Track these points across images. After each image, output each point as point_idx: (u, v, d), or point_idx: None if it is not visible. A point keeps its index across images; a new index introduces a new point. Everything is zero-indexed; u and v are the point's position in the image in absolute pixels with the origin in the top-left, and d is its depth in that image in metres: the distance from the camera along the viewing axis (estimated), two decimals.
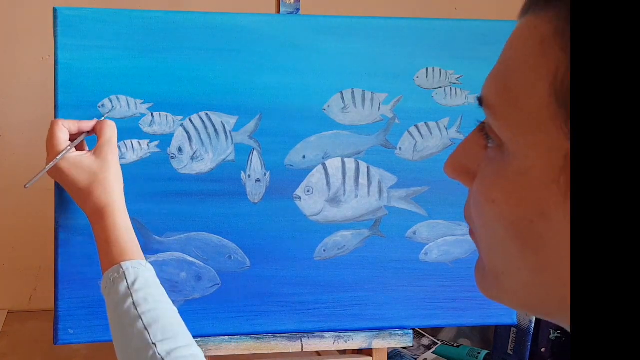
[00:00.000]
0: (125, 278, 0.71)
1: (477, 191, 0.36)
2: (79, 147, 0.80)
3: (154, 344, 0.66)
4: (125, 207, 0.77)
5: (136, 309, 0.69)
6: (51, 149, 0.76)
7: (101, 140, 0.78)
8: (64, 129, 0.77)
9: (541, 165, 0.31)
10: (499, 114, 0.34)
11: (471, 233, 0.39)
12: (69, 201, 0.84)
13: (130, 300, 0.69)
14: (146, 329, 0.67)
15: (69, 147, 0.76)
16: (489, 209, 0.34)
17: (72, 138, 0.79)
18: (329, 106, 0.90)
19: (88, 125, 0.79)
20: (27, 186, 0.73)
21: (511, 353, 1.17)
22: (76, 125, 0.79)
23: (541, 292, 0.33)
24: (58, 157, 0.75)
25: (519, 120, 0.32)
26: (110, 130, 0.79)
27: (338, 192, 0.90)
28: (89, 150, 0.78)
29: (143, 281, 0.71)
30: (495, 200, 0.34)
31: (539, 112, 0.31)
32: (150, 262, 0.75)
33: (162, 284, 0.76)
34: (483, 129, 0.36)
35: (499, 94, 0.34)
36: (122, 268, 0.71)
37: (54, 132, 0.76)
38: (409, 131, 0.92)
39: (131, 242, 0.74)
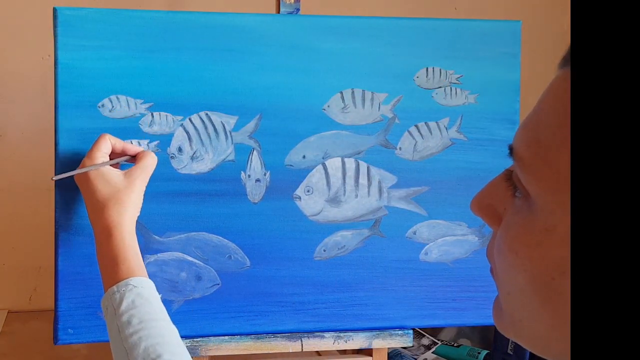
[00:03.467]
0: (112, 302, 0.70)
1: (500, 239, 0.35)
2: (114, 166, 0.81)
3: None
4: (134, 232, 0.77)
5: (119, 333, 0.68)
6: (89, 155, 0.77)
7: (138, 164, 0.79)
8: (109, 144, 0.79)
9: (567, 224, 0.30)
10: (527, 167, 0.33)
11: (492, 272, 0.38)
12: (69, 201, 0.84)
13: (115, 325, 0.69)
14: (127, 355, 0.67)
15: (108, 162, 0.78)
16: (511, 259, 0.34)
17: (113, 155, 0.80)
18: (329, 106, 0.90)
19: (133, 150, 0.81)
20: (53, 179, 0.76)
21: (511, 353, 1.17)
22: (122, 145, 0.80)
23: (559, 345, 0.32)
24: (94, 166, 0.76)
25: (547, 176, 0.31)
26: (150, 161, 0.80)
27: (338, 192, 0.90)
28: (122, 171, 0.79)
29: (128, 302, 0.70)
30: (518, 252, 0.33)
31: (568, 170, 0.30)
32: (150, 262, 0.75)
33: (162, 283, 0.76)
34: (510, 178, 0.35)
35: (529, 147, 0.33)
36: (110, 292, 0.71)
37: (99, 142, 0.78)
38: (409, 131, 0.92)
39: (136, 263, 0.74)
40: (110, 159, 0.79)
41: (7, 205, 1.35)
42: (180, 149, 0.86)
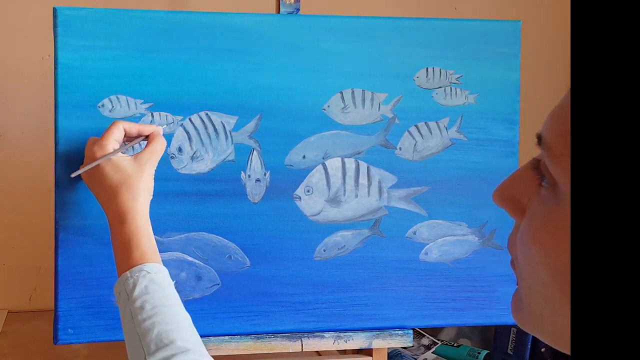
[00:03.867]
0: (125, 287, 0.70)
1: (524, 229, 0.34)
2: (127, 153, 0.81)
3: (146, 357, 0.65)
4: (148, 216, 0.77)
5: (132, 319, 0.68)
6: (100, 144, 0.77)
7: (146, 149, 0.79)
8: (121, 129, 0.78)
9: None
10: (557, 157, 0.32)
11: (512, 263, 0.37)
12: (69, 201, 0.84)
13: (129, 310, 0.69)
14: (140, 340, 0.66)
15: (120, 150, 0.77)
16: (535, 251, 0.33)
17: (129, 139, 0.81)
18: (329, 106, 0.90)
19: (147, 129, 0.81)
20: (72, 176, 0.77)
21: (511, 353, 1.17)
22: (136, 128, 0.80)
23: None
24: (107, 156, 0.76)
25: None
26: (159, 144, 0.80)
27: (338, 192, 0.90)
28: (131, 155, 0.79)
29: (141, 288, 0.69)
30: (543, 243, 0.32)
31: None
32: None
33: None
34: (538, 167, 0.35)
35: (559, 137, 0.32)
36: (124, 277, 0.71)
37: (112, 130, 0.78)
38: (409, 131, 0.92)
39: (150, 248, 0.74)
40: (125, 142, 0.79)
41: (7, 205, 1.35)
42: (180, 149, 0.86)
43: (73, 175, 0.77)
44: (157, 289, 0.70)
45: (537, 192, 0.34)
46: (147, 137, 0.81)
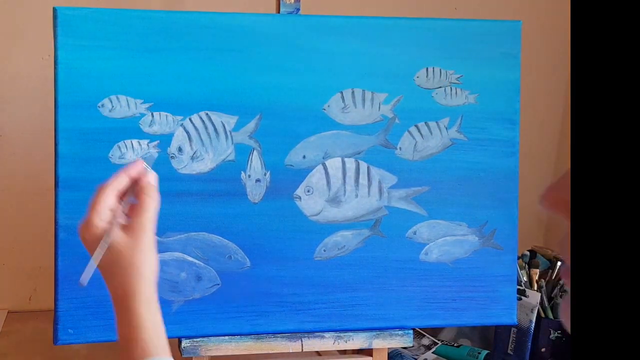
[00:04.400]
0: None
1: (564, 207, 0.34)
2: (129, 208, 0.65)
3: None
4: (157, 301, 0.64)
5: None
6: (90, 223, 0.64)
7: (138, 212, 0.63)
8: (111, 198, 0.63)
9: None
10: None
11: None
12: (69, 201, 0.84)
13: None
14: None
15: (111, 229, 0.62)
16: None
17: (122, 197, 0.65)
18: (329, 106, 0.90)
19: (134, 171, 0.65)
20: (83, 284, 0.63)
21: (511, 353, 1.17)
22: (124, 181, 0.64)
23: None
24: (104, 243, 0.62)
25: None
26: (151, 203, 0.64)
27: (338, 192, 0.90)
28: (123, 224, 0.64)
29: None
30: None
31: None
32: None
33: (162, 284, 0.76)
34: None
35: None
36: None
37: (98, 203, 0.63)
38: (409, 131, 0.92)
39: (153, 342, 0.61)
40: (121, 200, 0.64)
41: (7, 205, 1.35)
42: (180, 149, 0.86)
43: (84, 283, 0.63)
44: None
45: None
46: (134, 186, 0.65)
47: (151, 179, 0.65)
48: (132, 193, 0.65)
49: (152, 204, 0.64)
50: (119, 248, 0.62)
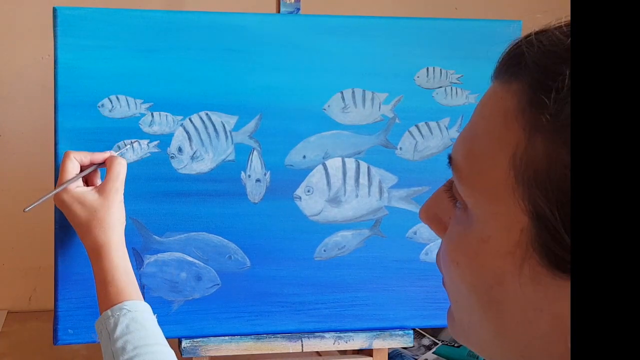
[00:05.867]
0: (106, 327, 0.70)
1: (444, 248, 0.36)
2: (91, 181, 0.80)
3: None
4: (125, 248, 0.76)
5: (114, 359, 0.68)
6: (59, 179, 0.77)
7: (107, 177, 0.77)
8: (75, 162, 0.77)
9: (499, 235, 0.31)
10: (464, 178, 0.33)
11: (443, 282, 0.39)
12: None
13: (110, 351, 0.69)
14: None
15: (73, 178, 0.76)
16: (453, 269, 0.34)
17: (83, 169, 0.79)
18: (329, 106, 0.90)
19: (100, 157, 0.79)
20: (26, 210, 0.75)
21: None
22: (88, 157, 0.79)
23: (502, 352, 0.33)
24: (60, 188, 0.75)
25: (481, 187, 0.32)
26: (119, 168, 0.78)
27: (338, 192, 0.90)
28: (95, 186, 0.78)
29: (122, 328, 0.69)
30: (459, 262, 0.34)
31: (498, 183, 0.31)
32: (150, 262, 0.75)
33: (162, 284, 0.76)
34: (450, 189, 0.36)
35: (465, 158, 0.34)
36: (105, 316, 0.71)
37: (65, 164, 0.77)
38: (409, 131, 0.92)
39: (127, 283, 0.73)
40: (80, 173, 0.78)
41: (7, 205, 1.35)
42: (180, 149, 0.86)
43: (26, 209, 0.75)
44: (138, 328, 0.70)
45: (454, 212, 0.36)
46: (103, 164, 0.80)
47: (114, 154, 0.80)
48: (91, 171, 0.79)
49: (116, 165, 0.77)
50: (95, 206, 0.75)
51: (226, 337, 0.90)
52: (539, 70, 0.30)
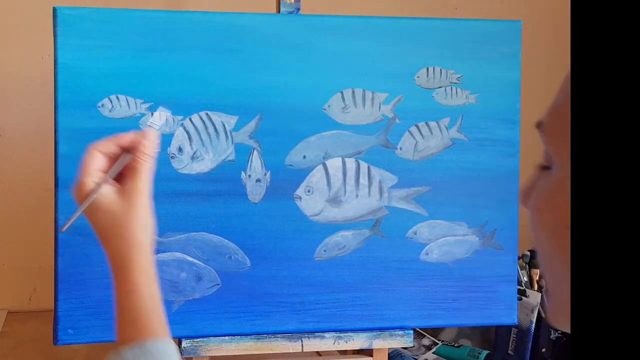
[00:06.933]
0: None
1: (531, 204, 0.38)
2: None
3: None
4: (152, 267, 0.61)
5: None
6: (81, 182, 0.62)
7: (132, 176, 0.61)
8: (99, 157, 0.62)
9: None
10: (547, 131, 0.36)
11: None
12: (69, 201, 0.83)
13: None
14: None
15: (101, 184, 0.61)
16: (536, 218, 0.37)
17: (113, 160, 0.63)
18: (329, 106, 0.90)
19: (127, 139, 0.63)
20: (62, 230, 0.63)
21: (512, 353, 1.17)
22: (114, 144, 0.63)
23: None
24: (87, 200, 0.61)
25: (559, 132, 0.34)
26: (148, 165, 0.62)
27: (338, 192, 0.90)
28: (117, 185, 0.62)
29: None
30: (541, 209, 0.36)
31: (569, 125, 0.31)
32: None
33: (162, 284, 0.76)
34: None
35: (549, 114, 0.37)
36: (122, 352, 0.57)
37: (87, 162, 0.62)
38: (409, 131, 0.92)
39: (150, 316, 0.59)
40: (110, 167, 0.63)
41: (7, 205, 1.35)
42: (180, 149, 0.86)
43: (63, 230, 0.63)
44: None
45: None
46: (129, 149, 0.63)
47: (148, 141, 0.62)
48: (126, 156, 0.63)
49: (146, 166, 0.61)
50: (113, 211, 0.60)
51: (226, 337, 0.90)
52: None
